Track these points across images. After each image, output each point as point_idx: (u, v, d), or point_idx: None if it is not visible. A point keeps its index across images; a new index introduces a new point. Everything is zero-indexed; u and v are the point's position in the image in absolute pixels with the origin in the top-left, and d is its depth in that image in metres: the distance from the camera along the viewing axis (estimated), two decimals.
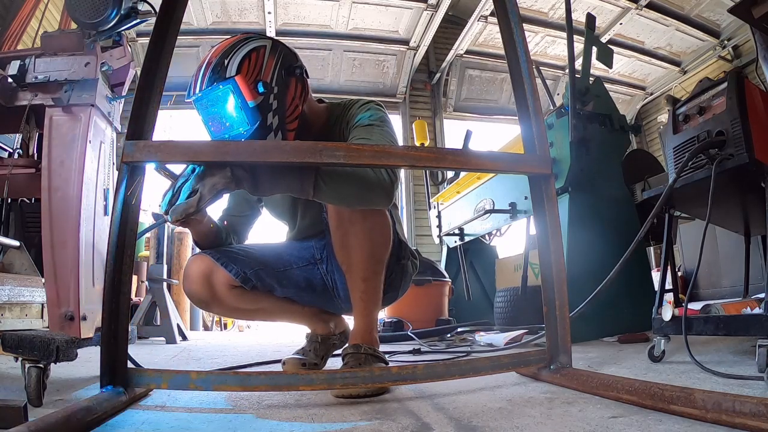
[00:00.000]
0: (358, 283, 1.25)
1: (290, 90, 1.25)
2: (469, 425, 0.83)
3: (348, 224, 1.22)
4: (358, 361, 1.19)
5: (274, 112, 1.21)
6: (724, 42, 5.26)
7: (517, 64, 1.22)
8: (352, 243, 1.22)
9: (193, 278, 1.39)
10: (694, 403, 0.78)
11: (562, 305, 1.13)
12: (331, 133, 1.34)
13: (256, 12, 5.08)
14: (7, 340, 0.98)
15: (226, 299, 1.39)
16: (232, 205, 1.52)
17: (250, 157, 1.13)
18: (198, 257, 1.41)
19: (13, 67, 1.54)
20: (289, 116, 1.24)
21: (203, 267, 1.38)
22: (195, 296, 1.41)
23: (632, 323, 2.24)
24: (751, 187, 1.37)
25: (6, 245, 1.50)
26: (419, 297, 3.08)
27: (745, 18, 1.73)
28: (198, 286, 1.38)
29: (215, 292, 1.38)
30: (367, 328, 1.26)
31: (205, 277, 1.37)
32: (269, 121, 1.20)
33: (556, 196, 1.19)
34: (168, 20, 1.09)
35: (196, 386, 0.99)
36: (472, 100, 6.34)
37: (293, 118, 1.25)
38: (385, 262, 1.27)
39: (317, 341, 1.54)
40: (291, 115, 1.25)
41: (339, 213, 1.22)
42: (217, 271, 1.37)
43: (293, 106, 1.25)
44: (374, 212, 1.22)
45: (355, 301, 1.27)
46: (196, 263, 1.40)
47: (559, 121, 2.58)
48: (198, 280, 1.38)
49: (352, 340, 1.26)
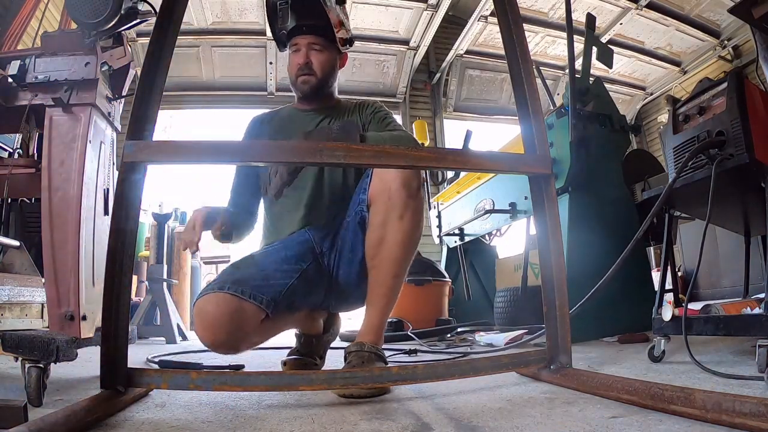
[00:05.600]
0: (387, 279, 1.25)
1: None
2: (469, 425, 0.83)
3: (396, 221, 1.22)
4: (362, 359, 1.19)
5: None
6: (724, 42, 5.26)
7: (517, 64, 1.22)
8: (395, 239, 1.23)
9: (216, 325, 1.17)
10: (694, 403, 0.78)
11: (562, 305, 1.13)
12: (342, 110, 1.54)
13: (256, 12, 5.08)
14: (7, 340, 0.98)
15: (255, 336, 1.26)
16: (244, 191, 1.53)
17: (250, 157, 1.14)
18: (215, 297, 1.19)
19: (13, 67, 1.54)
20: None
21: (228, 308, 1.18)
22: (220, 345, 1.20)
23: (632, 323, 2.23)
24: (751, 187, 1.37)
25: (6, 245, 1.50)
26: (419, 297, 3.08)
27: (745, 18, 1.73)
28: (224, 334, 1.18)
29: (246, 334, 1.22)
30: (379, 324, 1.27)
31: (232, 321, 1.17)
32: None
33: (556, 196, 1.19)
34: (168, 20, 1.09)
35: (196, 386, 0.99)
36: (472, 100, 6.34)
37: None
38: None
39: (312, 342, 1.53)
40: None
41: (388, 208, 1.23)
42: (246, 308, 1.20)
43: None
44: (419, 211, 1.27)
45: (376, 297, 1.26)
46: (217, 305, 1.18)
47: (559, 121, 2.58)
48: (225, 326, 1.17)
49: (359, 337, 1.25)
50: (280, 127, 1.53)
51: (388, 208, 1.23)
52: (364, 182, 1.32)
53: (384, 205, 1.24)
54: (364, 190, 1.30)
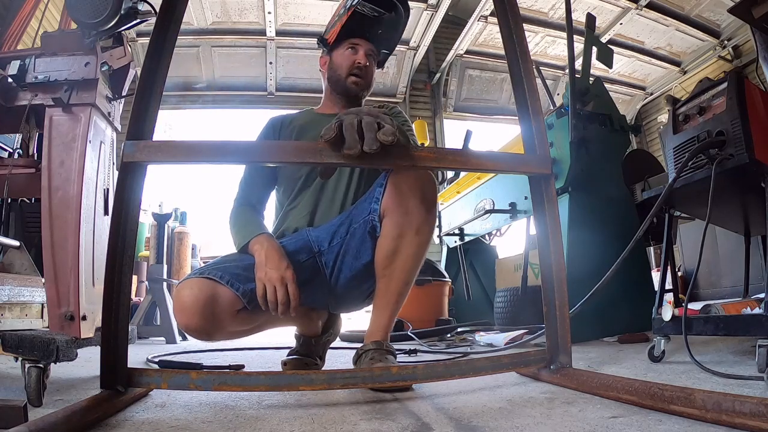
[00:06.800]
0: (399, 286, 1.27)
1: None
2: (469, 425, 0.82)
3: (413, 235, 1.24)
4: (382, 356, 1.22)
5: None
6: (724, 42, 5.26)
7: (517, 64, 1.22)
8: (409, 252, 1.25)
9: (190, 308, 1.17)
10: (694, 403, 0.78)
11: (562, 305, 1.13)
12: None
13: (256, 12, 5.08)
14: (7, 340, 0.98)
15: (229, 325, 1.25)
16: (257, 183, 1.50)
17: (250, 157, 1.14)
18: (192, 281, 1.20)
19: (13, 67, 1.54)
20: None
21: (203, 293, 1.18)
22: (194, 329, 1.20)
23: (632, 323, 2.24)
24: (751, 187, 1.37)
25: (6, 245, 1.50)
26: (419, 297, 3.08)
27: (745, 18, 1.73)
28: (197, 318, 1.17)
29: (220, 320, 1.21)
30: (388, 325, 1.29)
31: (206, 305, 1.17)
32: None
33: (556, 196, 1.19)
34: (168, 20, 1.09)
35: (196, 386, 0.99)
36: (472, 100, 6.34)
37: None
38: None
39: (311, 343, 1.54)
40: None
41: (405, 222, 1.23)
42: (222, 294, 1.20)
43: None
44: (434, 224, 1.29)
45: (386, 302, 1.28)
46: (192, 288, 1.19)
47: (559, 121, 2.58)
48: (199, 310, 1.17)
49: (373, 336, 1.27)
50: (303, 130, 1.50)
51: (405, 222, 1.24)
52: (376, 191, 1.29)
53: (402, 218, 1.24)
54: (377, 199, 1.28)
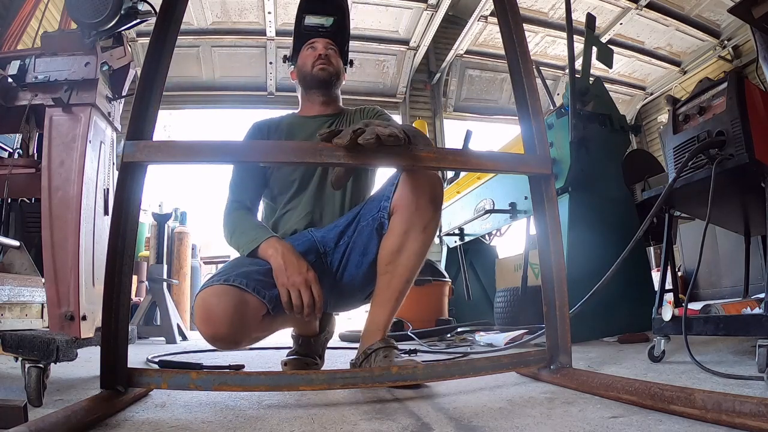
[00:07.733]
0: (400, 284, 1.27)
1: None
2: (469, 425, 0.83)
3: (419, 232, 1.25)
4: (392, 353, 1.22)
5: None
6: (724, 42, 5.26)
7: (517, 64, 1.22)
8: (413, 249, 1.26)
9: (220, 318, 1.13)
10: (694, 403, 0.78)
11: (562, 305, 1.13)
12: (347, 116, 1.57)
13: (256, 12, 5.08)
14: (7, 340, 0.98)
15: (255, 331, 1.22)
16: (248, 185, 1.47)
17: (250, 157, 1.14)
18: (218, 289, 1.16)
19: (13, 67, 1.54)
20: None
21: (232, 300, 1.15)
22: (221, 338, 1.16)
23: (632, 323, 2.23)
24: (751, 187, 1.37)
25: (6, 245, 1.50)
26: (419, 297, 3.07)
27: (745, 18, 1.73)
28: (227, 326, 1.14)
29: (248, 328, 1.19)
30: (388, 322, 1.29)
31: (236, 313, 1.14)
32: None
33: (556, 196, 1.19)
34: (168, 20, 1.09)
35: (196, 386, 0.99)
36: (472, 100, 6.34)
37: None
38: None
39: (310, 342, 1.54)
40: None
41: (413, 219, 1.24)
42: (250, 302, 1.17)
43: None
44: (438, 222, 1.30)
45: (386, 299, 1.28)
46: (219, 296, 1.15)
47: (559, 121, 2.58)
48: (228, 318, 1.13)
49: (377, 335, 1.26)
50: (287, 134, 1.51)
51: (413, 219, 1.24)
52: (387, 189, 1.31)
53: (411, 216, 1.25)
54: (387, 197, 1.29)
